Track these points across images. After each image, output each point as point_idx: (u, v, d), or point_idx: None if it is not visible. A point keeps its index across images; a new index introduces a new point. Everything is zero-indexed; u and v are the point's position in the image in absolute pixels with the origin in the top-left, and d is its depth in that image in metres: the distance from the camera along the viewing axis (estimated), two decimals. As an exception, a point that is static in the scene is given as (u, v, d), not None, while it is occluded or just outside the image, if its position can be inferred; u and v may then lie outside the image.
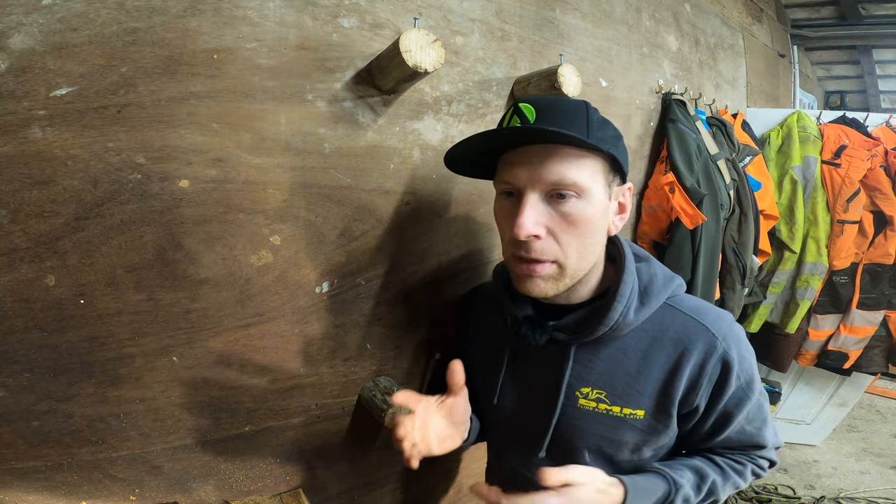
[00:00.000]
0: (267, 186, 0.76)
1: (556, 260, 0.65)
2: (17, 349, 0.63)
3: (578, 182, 0.61)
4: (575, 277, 0.68)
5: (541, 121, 0.62)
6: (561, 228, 0.63)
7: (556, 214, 0.63)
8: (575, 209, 0.63)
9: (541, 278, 0.66)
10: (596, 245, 0.67)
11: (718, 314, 0.70)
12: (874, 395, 3.36)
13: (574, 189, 0.62)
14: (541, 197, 0.63)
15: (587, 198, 0.63)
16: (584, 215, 0.63)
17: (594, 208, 0.64)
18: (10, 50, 0.56)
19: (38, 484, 0.69)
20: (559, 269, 0.66)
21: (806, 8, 2.96)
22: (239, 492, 0.86)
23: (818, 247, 1.92)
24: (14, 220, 0.60)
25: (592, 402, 0.71)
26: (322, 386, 0.89)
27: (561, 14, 1.15)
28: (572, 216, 0.63)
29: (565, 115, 0.62)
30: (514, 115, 0.64)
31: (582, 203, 0.63)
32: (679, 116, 1.47)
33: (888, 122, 1.95)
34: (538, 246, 0.64)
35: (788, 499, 2.26)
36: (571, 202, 0.62)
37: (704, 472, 0.72)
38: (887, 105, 3.92)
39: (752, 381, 0.70)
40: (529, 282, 0.67)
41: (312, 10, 0.76)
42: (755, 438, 0.75)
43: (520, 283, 0.69)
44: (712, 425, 0.72)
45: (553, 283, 0.67)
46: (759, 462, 0.77)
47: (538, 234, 0.62)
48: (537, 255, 0.64)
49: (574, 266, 0.66)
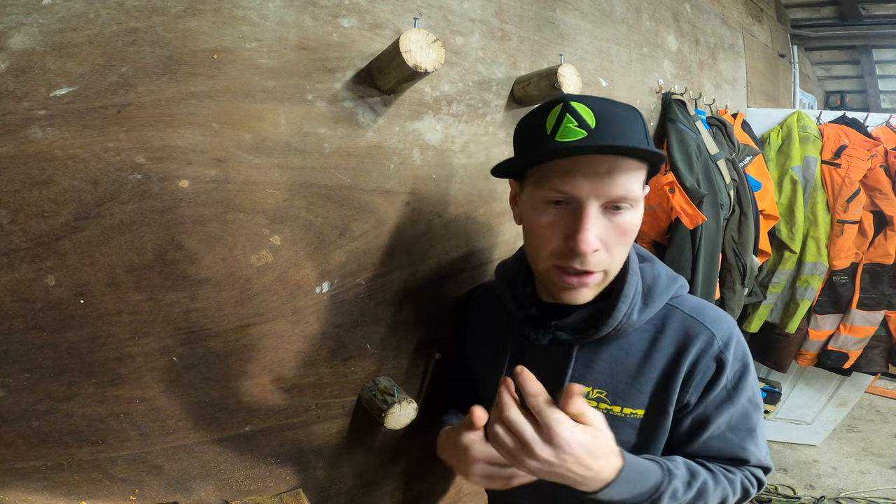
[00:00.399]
0: (267, 186, 0.76)
1: (604, 270, 0.64)
2: (17, 349, 0.63)
3: (637, 194, 0.61)
4: (610, 279, 0.67)
5: (602, 128, 0.58)
6: (613, 239, 0.62)
7: (611, 225, 0.61)
8: (627, 219, 0.61)
9: (587, 288, 0.64)
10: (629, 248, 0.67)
11: (719, 315, 0.70)
12: (874, 395, 3.36)
13: (632, 201, 0.61)
14: (600, 209, 0.60)
15: (637, 207, 0.62)
16: (634, 224, 0.62)
17: (639, 216, 0.63)
18: (10, 50, 0.56)
19: (38, 484, 0.69)
20: (604, 276, 0.65)
21: (806, 8, 2.96)
22: (239, 492, 0.86)
23: (818, 247, 1.92)
24: (14, 220, 0.60)
25: (593, 402, 0.71)
26: (322, 386, 0.89)
27: (561, 14, 1.15)
28: (624, 226, 0.62)
29: (626, 123, 0.60)
30: (564, 112, 0.59)
31: (633, 213, 0.62)
32: (679, 116, 1.47)
33: (888, 122, 1.95)
34: (594, 258, 0.61)
35: (788, 499, 2.26)
36: (626, 213, 0.61)
37: (695, 470, 0.68)
38: (887, 105, 3.92)
39: (742, 385, 0.67)
40: (576, 293, 0.65)
41: (312, 10, 0.76)
42: (736, 450, 0.69)
43: (564, 293, 0.66)
44: (690, 425, 0.69)
45: (596, 289, 0.66)
46: (748, 475, 0.72)
47: (598, 248, 0.61)
48: (593, 268, 0.62)
49: (615, 271, 0.66)
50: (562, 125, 0.59)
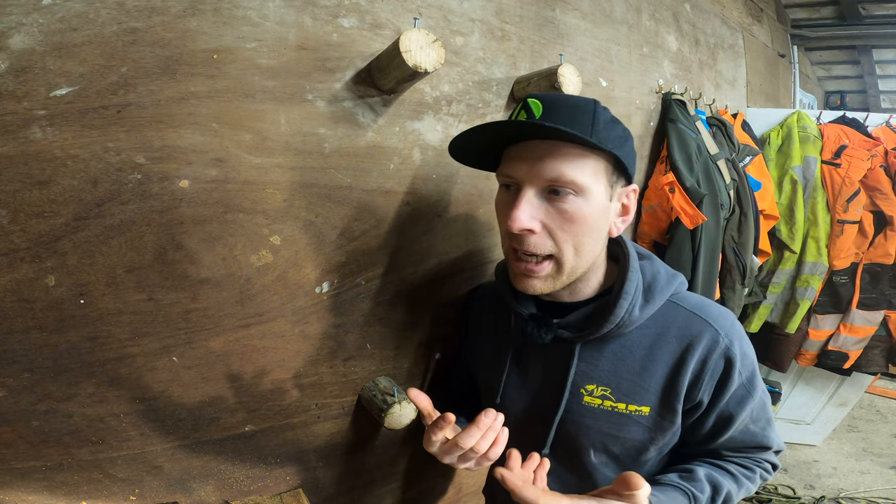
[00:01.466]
0: (267, 186, 0.76)
1: (551, 255, 0.65)
2: (17, 349, 0.63)
3: (576, 180, 0.61)
4: (572, 275, 0.68)
5: (546, 117, 0.62)
6: (556, 224, 0.63)
7: (553, 210, 0.63)
8: (572, 206, 0.63)
9: (538, 278, 0.67)
10: (594, 244, 0.67)
11: (721, 311, 0.71)
12: (874, 395, 3.36)
13: (571, 187, 0.62)
14: (538, 192, 0.63)
15: (585, 196, 0.63)
16: (581, 213, 0.63)
17: (592, 207, 0.64)
18: (10, 50, 0.56)
19: (38, 484, 0.69)
20: (556, 267, 0.66)
21: (806, 8, 2.96)
22: (239, 492, 0.86)
23: (818, 247, 1.92)
24: (14, 220, 0.60)
25: (598, 399, 0.71)
26: (322, 386, 0.89)
27: (561, 14, 1.15)
28: (568, 213, 0.63)
29: (571, 112, 0.62)
30: (521, 109, 0.64)
31: (579, 201, 0.63)
32: (679, 116, 1.47)
33: (888, 122, 1.95)
34: (532, 240, 0.64)
35: (788, 499, 2.26)
36: (569, 199, 0.63)
37: (719, 483, 0.72)
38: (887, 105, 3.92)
39: (754, 378, 0.70)
40: (526, 280, 0.68)
41: (312, 10, 0.76)
42: (759, 439, 0.74)
43: (517, 280, 0.69)
44: (715, 424, 0.71)
45: (550, 281, 0.67)
46: (766, 466, 0.77)
47: (532, 227, 0.63)
48: (531, 249, 0.65)
49: (571, 263, 0.66)
50: (517, 117, 0.65)
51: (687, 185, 1.36)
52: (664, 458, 0.77)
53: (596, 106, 0.64)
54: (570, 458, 0.75)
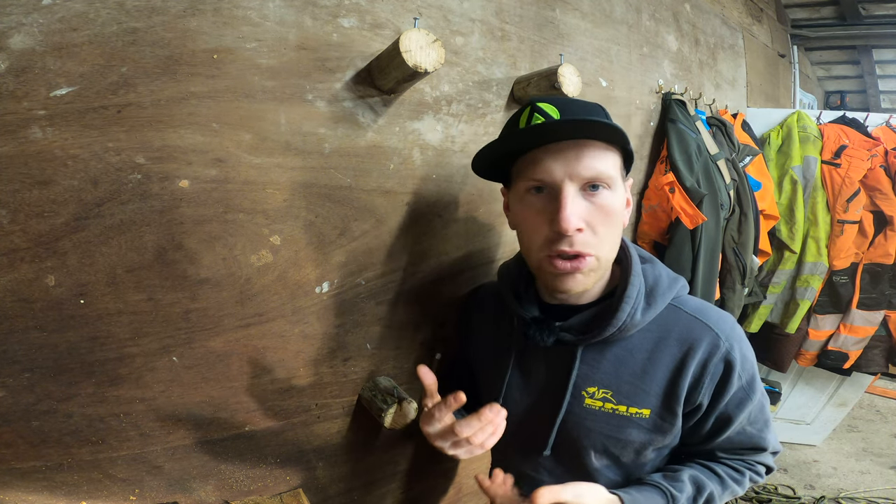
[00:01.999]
0: (267, 186, 0.76)
1: (594, 253, 0.65)
2: (17, 349, 0.63)
3: (611, 174, 0.63)
4: (605, 272, 0.70)
5: (566, 116, 0.64)
6: (598, 220, 0.64)
7: (593, 207, 0.64)
8: (608, 200, 0.64)
9: (582, 273, 0.65)
10: (620, 237, 0.69)
11: (721, 315, 0.71)
12: (874, 395, 3.36)
13: (607, 181, 0.63)
14: (577, 190, 0.63)
15: (615, 189, 0.65)
16: (615, 206, 0.65)
17: (620, 199, 0.66)
18: (10, 50, 0.56)
19: (38, 484, 0.69)
20: (595, 263, 0.66)
21: (806, 8, 2.96)
22: (239, 492, 0.86)
23: (818, 247, 1.92)
24: (14, 220, 0.60)
25: (598, 401, 0.71)
26: (322, 386, 0.89)
27: (561, 14, 1.15)
28: (606, 207, 0.64)
29: (588, 110, 0.66)
30: (533, 113, 0.65)
31: (611, 194, 0.64)
32: (679, 116, 1.47)
33: (888, 122, 1.95)
34: (581, 239, 0.63)
35: (788, 499, 2.26)
36: (604, 193, 0.64)
37: (702, 483, 0.72)
38: (887, 105, 3.92)
39: (754, 381, 0.70)
40: (571, 279, 0.65)
41: (312, 10, 0.76)
42: (756, 440, 0.74)
43: (560, 281, 0.66)
44: (713, 425, 0.72)
45: (592, 276, 0.67)
46: (757, 468, 0.77)
47: (581, 227, 0.63)
48: (581, 249, 0.63)
49: (607, 258, 0.67)
50: (531, 122, 0.65)
51: (687, 185, 1.36)
52: (664, 460, 0.77)
53: (603, 108, 0.69)
54: (570, 460, 0.75)
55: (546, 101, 0.65)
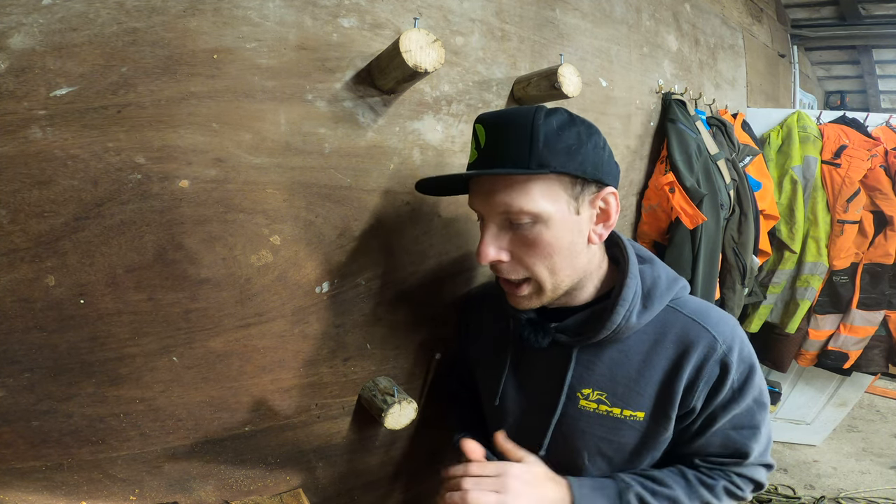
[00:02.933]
0: (267, 186, 0.76)
1: (528, 278, 0.67)
2: (17, 349, 0.63)
3: (526, 208, 0.61)
4: (557, 291, 0.69)
5: (489, 143, 0.63)
6: (522, 252, 0.65)
7: (516, 238, 0.65)
8: (531, 233, 0.63)
9: (522, 297, 0.69)
10: (570, 261, 0.66)
11: (721, 317, 0.70)
12: (874, 395, 3.36)
13: (525, 216, 0.62)
14: (499, 223, 0.65)
15: (543, 221, 0.62)
16: (543, 238, 0.63)
17: (554, 229, 0.63)
18: (10, 50, 0.56)
19: (38, 484, 0.69)
20: (537, 286, 0.68)
21: (806, 8, 2.96)
22: (239, 492, 0.86)
23: (818, 247, 1.92)
24: (14, 220, 0.60)
25: (593, 403, 0.71)
26: (322, 386, 0.89)
27: (561, 14, 1.15)
28: (529, 239, 0.63)
29: (510, 135, 0.61)
30: (474, 135, 0.66)
31: (538, 227, 0.62)
32: (679, 116, 1.47)
33: (888, 122, 1.95)
34: (504, 268, 0.67)
35: (788, 499, 2.26)
36: (526, 227, 0.63)
37: (664, 481, 0.70)
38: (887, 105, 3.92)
39: (748, 385, 0.67)
40: (516, 299, 0.70)
41: (312, 10, 0.76)
42: (739, 446, 0.70)
43: (507, 298, 0.72)
44: (699, 426, 0.70)
45: (535, 298, 0.69)
46: (735, 480, 0.72)
47: (500, 258, 0.65)
48: (505, 276, 0.68)
49: (550, 282, 0.67)
50: (471, 146, 0.67)
51: (687, 185, 1.36)
52: (657, 463, 0.77)
53: (535, 120, 0.60)
54: (565, 461, 0.75)
55: (480, 121, 0.64)
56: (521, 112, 0.62)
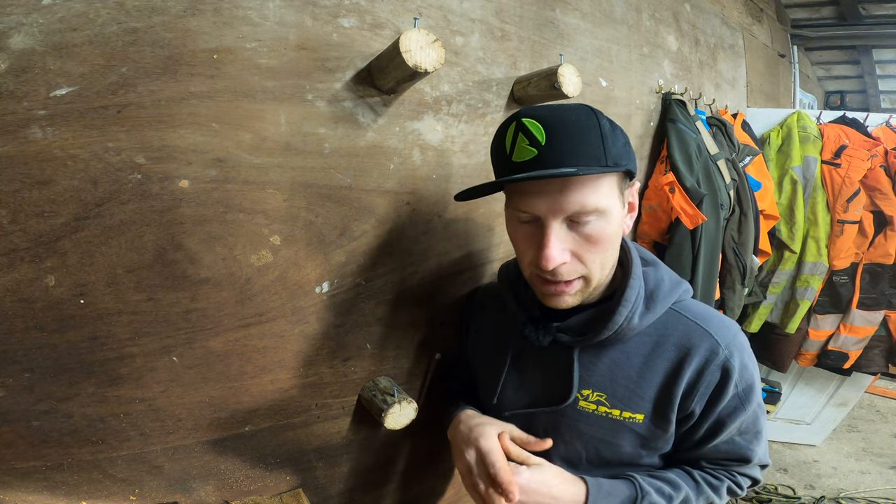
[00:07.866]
0: (267, 186, 0.76)
1: (582, 276, 0.65)
2: (17, 349, 0.63)
3: (598, 206, 0.60)
4: (599, 286, 0.69)
5: (551, 143, 0.58)
6: (584, 249, 0.63)
7: (580, 237, 0.62)
8: (596, 229, 0.62)
9: (569, 295, 0.66)
10: (615, 253, 0.67)
11: (723, 322, 0.70)
12: (874, 395, 3.36)
13: (595, 213, 0.61)
14: (562, 223, 0.62)
15: (607, 216, 0.62)
16: (606, 233, 0.63)
17: (613, 224, 0.63)
18: (10, 50, 0.56)
19: (38, 484, 0.69)
20: (585, 283, 0.66)
21: (806, 8, 2.96)
22: (239, 492, 0.86)
23: (818, 247, 1.92)
24: (14, 220, 0.60)
25: (593, 404, 0.71)
26: (322, 386, 0.89)
27: (561, 14, 1.15)
28: (594, 236, 0.62)
29: (578, 135, 0.59)
30: (518, 132, 0.60)
31: (602, 222, 0.62)
32: (679, 116, 1.47)
33: (888, 122, 1.95)
34: (565, 269, 0.63)
35: (788, 499, 2.26)
36: (592, 223, 0.62)
37: (677, 484, 0.71)
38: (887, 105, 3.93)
39: (751, 391, 0.68)
40: (558, 299, 0.67)
41: (312, 10, 0.76)
42: (743, 451, 0.72)
43: (546, 299, 0.68)
44: (704, 433, 0.70)
45: (580, 295, 0.68)
46: (738, 480, 0.75)
47: (566, 260, 0.62)
48: (565, 277, 0.64)
49: (598, 277, 0.66)
50: (516, 144, 0.61)
51: (687, 185, 1.36)
52: (657, 465, 0.77)
53: (599, 119, 0.60)
54: (563, 462, 0.75)
55: (532, 117, 0.59)
56: (575, 109, 0.61)
